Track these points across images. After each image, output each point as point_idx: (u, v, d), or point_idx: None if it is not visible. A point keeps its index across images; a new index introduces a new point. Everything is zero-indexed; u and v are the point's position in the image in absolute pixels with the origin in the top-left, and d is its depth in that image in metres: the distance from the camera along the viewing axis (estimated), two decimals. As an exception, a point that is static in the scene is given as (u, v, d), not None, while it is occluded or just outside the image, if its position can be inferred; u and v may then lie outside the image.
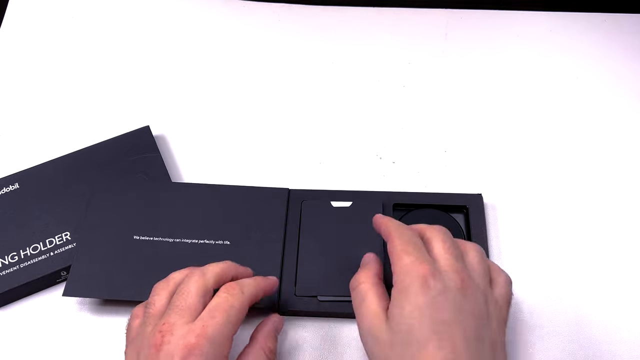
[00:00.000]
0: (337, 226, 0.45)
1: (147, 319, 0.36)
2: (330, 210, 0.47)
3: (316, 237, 0.46)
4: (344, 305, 0.43)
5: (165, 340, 0.33)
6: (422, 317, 0.32)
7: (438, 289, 0.33)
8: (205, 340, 0.33)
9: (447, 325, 0.32)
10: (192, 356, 0.33)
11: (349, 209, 0.47)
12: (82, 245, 0.45)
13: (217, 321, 0.34)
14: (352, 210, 0.47)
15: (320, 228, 0.46)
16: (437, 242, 0.36)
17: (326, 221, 0.46)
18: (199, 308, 0.35)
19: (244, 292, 0.36)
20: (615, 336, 0.43)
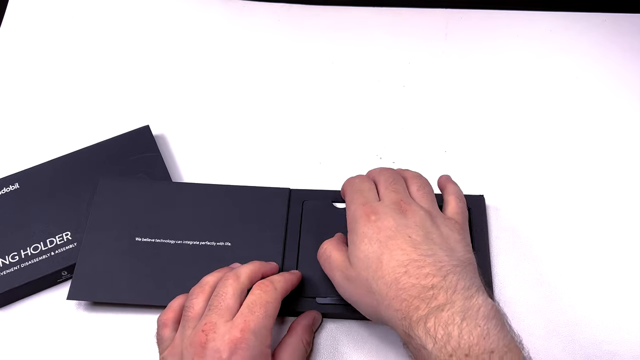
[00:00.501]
0: (338, 227, 0.45)
1: (187, 322, 0.37)
2: (331, 211, 0.47)
3: (317, 238, 0.46)
4: (343, 306, 0.43)
5: (209, 337, 0.35)
6: (371, 241, 0.37)
7: (379, 216, 0.38)
8: (249, 333, 0.35)
9: (393, 238, 0.36)
10: (239, 349, 0.35)
11: None
12: (84, 248, 0.45)
13: (257, 315, 0.36)
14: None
15: (321, 229, 0.46)
16: (381, 183, 0.41)
17: (328, 222, 0.46)
18: (236, 307, 0.37)
19: (276, 288, 0.39)
20: (615, 336, 0.43)
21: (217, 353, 0.34)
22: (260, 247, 0.45)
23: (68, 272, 0.46)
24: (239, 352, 0.34)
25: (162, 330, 0.39)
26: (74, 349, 0.44)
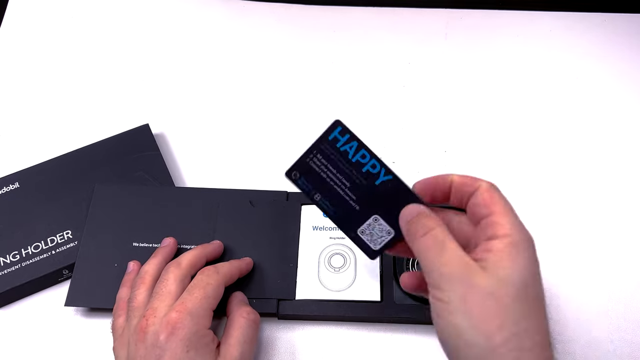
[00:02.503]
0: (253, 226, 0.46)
1: (132, 312, 0.39)
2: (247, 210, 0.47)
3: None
4: (344, 307, 0.43)
5: (149, 322, 0.36)
6: (535, 275, 0.30)
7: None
8: (186, 314, 0.36)
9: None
10: (176, 330, 0.36)
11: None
12: (81, 254, 0.45)
13: (195, 297, 0.37)
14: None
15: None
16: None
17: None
18: (178, 293, 0.38)
19: (219, 272, 0.40)
20: (615, 336, 0.43)
21: (156, 335, 0.36)
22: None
23: (69, 270, 0.46)
24: (176, 333, 0.35)
25: (115, 321, 0.40)
26: (76, 347, 0.44)
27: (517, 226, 0.31)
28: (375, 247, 0.35)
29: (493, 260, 0.29)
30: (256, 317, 0.41)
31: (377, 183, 0.34)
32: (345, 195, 0.35)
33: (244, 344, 0.38)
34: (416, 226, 0.33)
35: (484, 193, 0.32)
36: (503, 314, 0.28)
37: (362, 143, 0.35)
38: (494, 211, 0.31)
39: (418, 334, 0.43)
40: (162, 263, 0.42)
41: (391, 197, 0.34)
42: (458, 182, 0.33)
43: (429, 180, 0.34)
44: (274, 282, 0.44)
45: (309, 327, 0.44)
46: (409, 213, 0.33)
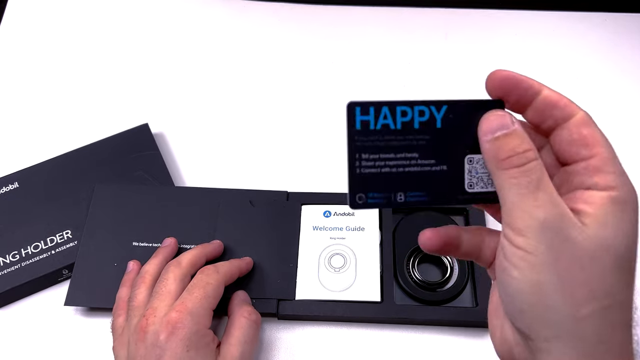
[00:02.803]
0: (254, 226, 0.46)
1: (132, 312, 0.39)
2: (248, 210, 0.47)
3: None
4: (343, 308, 0.43)
5: (149, 322, 0.36)
6: (637, 241, 0.25)
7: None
8: (186, 314, 0.36)
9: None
10: (176, 329, 0.35)
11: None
12: (81, 253, 0.45)
13: (195, 296, 0.37)
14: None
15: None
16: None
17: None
18: (178, 292, 0.38)
19: (218, 271, 0.40)
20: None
21: (156, 335, 0.36)
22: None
23: (68, 270, 0.46)
24: (176, 332, 0.35)
25: (115, 321, 0.40)
26: (76, 347, 0.44)
27: (623, 177, 0.25)
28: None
29: (595, 215, 0.24)
30: (257, 317, 0.41)
31: (439, 126, 0.28)
32: (423, 168, 0.27)
33: (244, 344, 0.38)
34: (504, 148, 0.25)
35: (582, 128, 0.25)
36: (599, 282, 0.24)
37: (391, 102, 0.27)
38: (596, 153, 0.25)
39: (418, 335, 0.43)
40: (162, 263, 0.42)
41: (465, 124, 0.27)
42: (548, 99, 0.26)
43: (508, 77, 0.27)
44: (273, 282, 0.44)
45: (309, 327, 0.44)
46: (493, 126, 0.26)
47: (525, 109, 0.27)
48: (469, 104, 0.27)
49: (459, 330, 0.43)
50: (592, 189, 0.25)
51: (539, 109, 0.26)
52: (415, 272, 0.44)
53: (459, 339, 0.43)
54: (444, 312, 0.43)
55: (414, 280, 0.44)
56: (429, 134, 0.27)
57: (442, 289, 0.43)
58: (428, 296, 0.43)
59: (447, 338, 0.43)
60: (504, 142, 0.25)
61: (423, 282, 0.43)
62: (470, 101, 0.27)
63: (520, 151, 0.25)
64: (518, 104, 0.27)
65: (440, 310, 0.43)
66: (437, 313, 0.43)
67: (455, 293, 0.43)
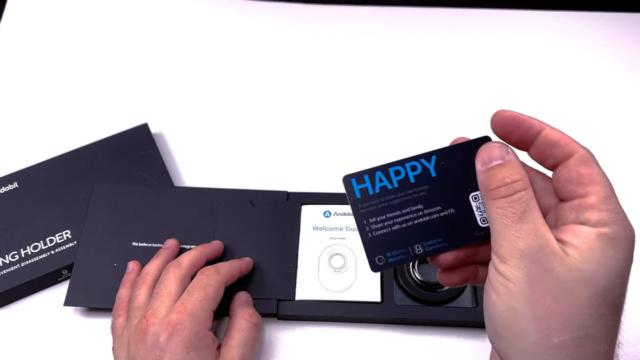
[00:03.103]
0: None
1: (132, 312, 0.39)
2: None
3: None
4: (344, 308, 0.43)
5: (150, 323, 0.36)
6: (624, 278, 0.25)
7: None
8: (186, 315, 0.36)
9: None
10: (176, 331, 0.35)
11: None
12: (81, 253, 0.45)
13: (195, 298, 0.37)
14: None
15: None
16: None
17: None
18: (178, 293, 0.38)
19: (219, 272, 0.40)
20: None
21: (156, 336, 0.36)
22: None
23: (68, 270, 0.46)
24: (177, 334, 0.35)
25: (115, 321, 0.40)
26: (76, 347, 0.44)
27: (617, 215, 0.25)
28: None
29: (580, 248, 0.25)
30: (258, 319, 0.41)
31: (434, 175, 0.29)
32: (431, 216, 0.29)
33: (245, 346, 0.38)
34: (494, 179, 0.27)
35: (581, 167, 0.26)
36: (572, 314, 0.24)
37: (382, 166, 0.29)
38: (592, 192, 0.26)
39: (418, 335, 0.43)
40: (163, 264, 0.42)
41: (458, 166, 0.29)
42: (550, 138, 0.27)
43: (510, 117, 0.27)
44: (273, 283, 0.44)
45: (309, 328, 0.44)
46: (488, 157, 0.27)
47: (528, 148, 0.28)
48: (457, 148, 0.29)
49: (459, 330, 0.43)
50: (584, 225, 0.25)
51: (540, 148, 0.27)
52: (416, 273, 0.44)
53: (459, 339, 0.43)
54: (444, 312, 0.43)
55: (414, 280, 0.44)
56: (426, 184, 0.29)
57: (442, 289, 0.43)
58: (428, 296, 0.43)
59: (447, 338, 0.43)
60: (495, 173, 0.27)
61: (423, 282, 0.43)
62: (457, 145, 0.29)
63: (509, 182, 0.26)
64: (521, 143, 0.28)
65: (441, 311, 0.43)
66: (437, 313, 0.43)
67: (456, 293, 0.43)
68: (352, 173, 0.29)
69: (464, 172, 0.29)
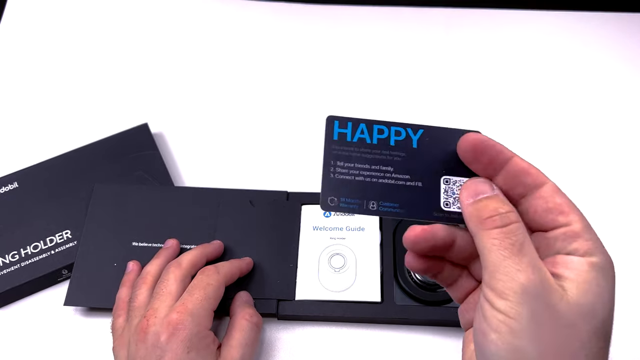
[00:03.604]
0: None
1: (133, 312, 0.39)
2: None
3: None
4: (344, 308, 0.43)
5: (150, 323, 0.36)
6: (613, 308, 0.25)
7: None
8: (187, 315, 0.36)
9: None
10: (177, 331, 0.35)
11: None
12: (81, 253, 0.45)
13: (196, 297, 0.37)
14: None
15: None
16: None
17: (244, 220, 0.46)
18: (179, 293, 0.38)
19: (219, 272, 0.40)
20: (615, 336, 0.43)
21: (157, 336, 0.36)
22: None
23: (68, 270, 0.46)
24: (177, 334, 0.35)
25: (115, 321, 0.40)
26: (76, 347, 0.44)
27: (599, 243, 0.26)
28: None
29: (576, 281, 0.24)
30: (259, 319, 0.41)
31: (414, 146, 0.29)
32: (397, 181, 0.28)
33: (245, 346, 0.38)
34: (486, 209, 0.26)
35: (556, 197, 0.26)
36: (575, 350, 0.24)
37: (368, 120, 0.29)
38: (573, 221, 0.25)
39: (418, 335, 0.43)
40: (164, 264, 0.42)
41: (441, 148, 0.29)
42: (521, 166, 0.26)
43: (480, 142, 0.27)
44: (273, 283, 0.44)
45: (309, 328, 0.44)
46: (475, 190, 0.26)
47: (495, 174, 0.27)
48: (445, 131, 0.29)
49: (459, 330, 0.43)
50: (573, 255, 0.25)
51: (510, 175, 0.27)
52: (416, 273, 0.44)
53: (459, 340, 0.43)
54: (444, 312, 0.43)
55: (414, 280, 0.44)
56: (404, 151, 0.29)
57: (442, 289, 0.43)
58: (428, 296, 0.43)
59: (447, 338, 0.43)
60: (486, 204, 0.26)
61: (423, 282, 0.43)
62: (447, 128, 0.29)
63: (503, 212, 0.25)
64: (488, 168, 0.27)
65: (441, 311, 0.43)
66: (437, 313, 0.43)
67: (456, 293, 0.43)
68: (338, 116, 0.29)
69: (444, 155, 0.29)
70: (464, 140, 0.27)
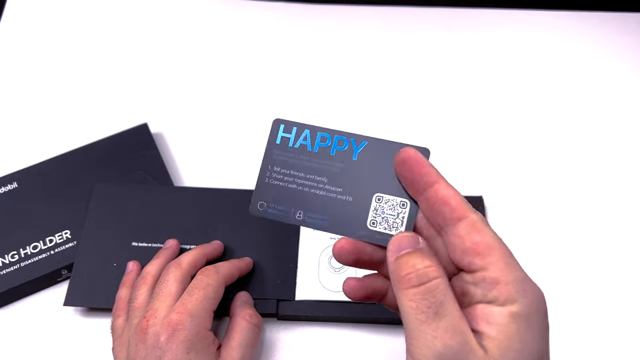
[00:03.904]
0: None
1: (133, 312, 0.39)
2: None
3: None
4: (343, 308, 0.43)
5: (150, 323, 0.36)
6: (546, 353, 0.24)
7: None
8: (186, 315, 0.36)
9: None
10: (176, 331, 0.35)
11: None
12: (80, 254, 0.45)
13: (195, 298, 0.37)
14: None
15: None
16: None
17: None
18: (179, 293, 0.38)
19: (219, 271, 0.40)
20: (615, 335, 0.43)
21: (156, 336, 0.36)
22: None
23: (68, 270, 0.46)
24: (177, 334, 0.35)
25: (115, 322, 0.40)
26: (76, 347, 0.44)
27: (523, 284, 0.24)
28: (398, 232, 0.27)
29: (498, 340, 0.23)
30: (259, 320, 0.41)
31: (355, 158, 0.28)
32: (328, 193, 0.28)
33: (245, 347, 0.38)
34: (407, 265, 0.24)
35: (473, 235, 0.24)
36: None
37: (314, 126, 0.29)
38: (490, 263, 0.24)
39: (418, 335, 0.43)
40: (164, 264, 0.42)
41: (381, 162, 0.28)
42: (440, 193, 0.26)
43: (410, 158, 0.26)
44: (273, 283, 0.44)
45: (309, 328, 0.44)
46: (399, 244, 0.25)
47: (419, 196, 0.27)
48: (390, 145, 0.28)
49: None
50: (493, 304, 0.24)
51: (430, 200, 0.26)
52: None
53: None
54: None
55: (414, 280, 0.44)
56: (343, 162, 0.28)
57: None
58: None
59: (447, 338, 0.43)
60: (406, 260, 0.24)
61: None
62: (392, 142, 0.28)
63: (421, 267, 0.24)
64: (412, 187, 0.27)
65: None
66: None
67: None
68: (285, 119, 0.29)
69: (382, 170, 0.28)
70: (399, 154, 0.27)
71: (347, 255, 0.27)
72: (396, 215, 0.27)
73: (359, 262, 0.28)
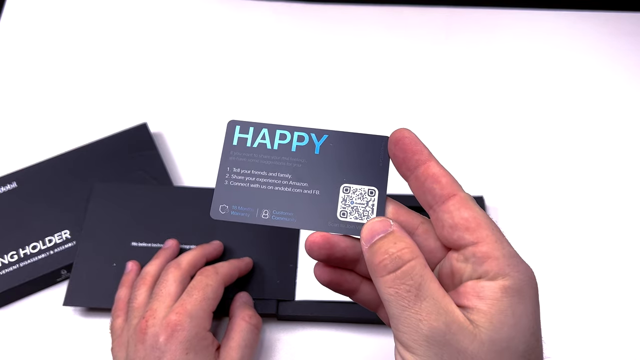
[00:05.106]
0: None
1: (132, 313, 0.39)
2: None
3: None
4: (343, 309, 0.43)
5: (149, 324, 0.36)
6: (539, 332, 0.23)
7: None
8: (186, 316, 0.36)
9: None
10: (175, 332, 0.35)
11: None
12: (80, 254, 0.45)
13: (195, 298, 0.37)
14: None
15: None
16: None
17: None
18: (178, 293, 0.38)
19: (218, 272, 0.40)
20: (615, 336, 0.43)
21: (155, 337, 0.35)
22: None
23: (67, 270, 0.46)
24: (176, 335, 0.35)
25: (114, 322, 0.40)
26: (75, 347, 0.44)
27: (514, 259, 0.23)
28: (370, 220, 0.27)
29: (489, 314, 0.22)
30: (258, 321, 0.41)
31: (317, 152, 0.28)
32: (294, 189, 0.28)
33: (244, 348, 0.38)
34: (378, 252, 0.24)
35: (463, 211, 0.24)
36: None
37: (272, 125, 0.28)
38: (481, 238, 0.23)
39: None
40: (163, 264, 0.42)
41: (344, 154, 0.28)
42: (430, 171, 0.25)
43: (402, 138, 0.26)
44: (273, 283, 0.44)
45: (309, 328, 0.44)
46: (371, 232, 0.24)
47: (409, 175, 0.26)
48: (352, 136, 0.28)
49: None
50: (483, 278, 0.23)
51: (421, 178, 0.25)
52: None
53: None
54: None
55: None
56: (305, 158, 0.28)
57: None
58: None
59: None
60: (379, 246, 0.24)
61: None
62: (353, 134, 0.28)
63: (394, 251, 0.23)
64: (403, 166, 0.26)
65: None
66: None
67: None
68: (240, 120, 0.29)
69: (347, 161, 0.28)
70: (393, 133, 0.27)
71: (318, 250, 0.27)
72: (365, 203, 0.27)
73: (331, 258, 0.27)
